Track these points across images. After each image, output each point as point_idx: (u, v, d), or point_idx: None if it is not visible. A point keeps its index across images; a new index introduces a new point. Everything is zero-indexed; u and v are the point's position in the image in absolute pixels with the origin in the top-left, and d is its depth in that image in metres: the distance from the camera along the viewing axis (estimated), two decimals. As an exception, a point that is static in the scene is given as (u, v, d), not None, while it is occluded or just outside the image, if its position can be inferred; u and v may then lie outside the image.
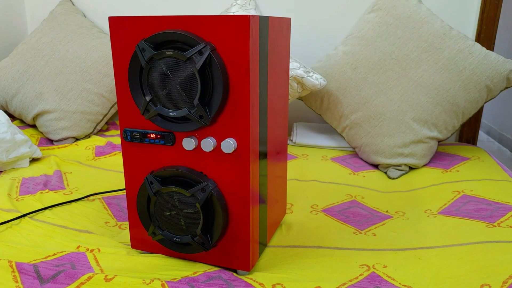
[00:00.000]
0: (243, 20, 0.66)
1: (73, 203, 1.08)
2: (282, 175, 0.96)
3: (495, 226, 0.94)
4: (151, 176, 0.77)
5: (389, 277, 0.78)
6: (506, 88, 1.42)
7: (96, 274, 0.73)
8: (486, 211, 1.02)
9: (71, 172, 1.29)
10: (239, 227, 0.76)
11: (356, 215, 1.04)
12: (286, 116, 0.95)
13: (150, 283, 0.71)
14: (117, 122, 1.86)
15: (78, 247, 0.87)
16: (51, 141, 1.61)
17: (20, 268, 0.74)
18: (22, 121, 1.71)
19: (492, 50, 1.63)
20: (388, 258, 0.84)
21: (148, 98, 0.72)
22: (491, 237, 0.89)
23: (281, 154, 0.94)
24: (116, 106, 1.73)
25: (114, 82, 1.69)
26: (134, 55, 0.71)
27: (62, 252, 0.84)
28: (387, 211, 1.07)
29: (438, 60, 1.38)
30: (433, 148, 1.38)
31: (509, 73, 1.37)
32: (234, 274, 0.78)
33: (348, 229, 0.97)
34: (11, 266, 0.74)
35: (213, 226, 0.77)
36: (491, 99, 1.44)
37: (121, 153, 1.39)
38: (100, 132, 1.72)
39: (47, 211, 1.03)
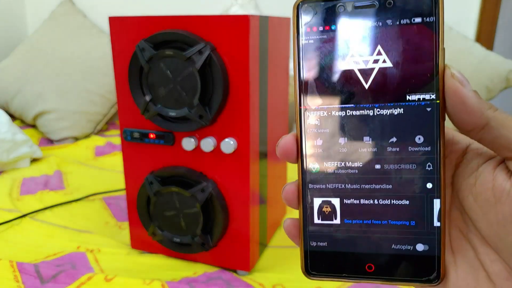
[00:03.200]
0: (243, 20, 0.66)
1: (73, 203, 1.08)
2: (282, 175, 0.96)
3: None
4: (151, 176, 0.77)
5: (389, 277, 0.78)
6: (506, 88, 1.42)
7: (96, 274, 0.73)
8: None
9: (71, 172, 1.29)
10: (239, 227, 0.77)
11: (356, 215, 1.04)
12: (286, 116, 0.95)
13: (150, 283, 0.71)
14: (117, 122, 1.86)
15: (78, 247, 0.87)
16: (51, 141, 1.61)
17: (21, 267, 0.74)
18: (22, 121, 1.71)
19: (492, 50, 1.63)
20: (388, 258, 0.84)
21: (148, 98, 0.72)
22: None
23: (281, 154, 0.94)
24: (116, 106, 1.73)
25: (114, 82, 1.69)
26: (134, 55, 0.71)
27: (62, 252, 0.84)
28: (387, 211, 1.07)
29: (438, 60, 1.38)
30: (433, 148, 1.38)
31: (509, 73, 1.37)
32: (234, 274, 0.78)
33: (348, 229, 0.97)
34: (12, 266, 0.74)
35: (213, 226, 0.77)
36: (490, 99, 1.44)
37: (121, 153, 1.40)
38: (100, 132, 1.72)
39: (47, 211, 1.03)
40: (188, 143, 0.73)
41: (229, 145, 0.71)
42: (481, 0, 1.58)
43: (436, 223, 0.24)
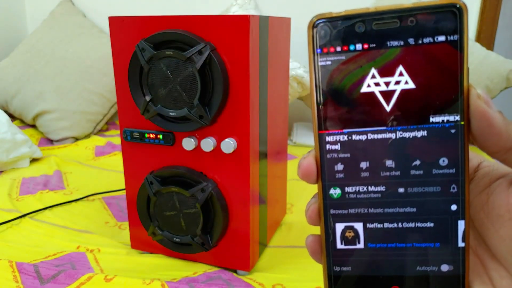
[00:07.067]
0: (243, 20, 0.66)
1: (73, 203, 1.08)
2: (282, 175, 0.96)
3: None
4: (151, 176, 0.77)
5: (389, 277, 0.78)
6: (506, 88, 1.42)
7: (96, 274, 0.73)
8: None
9: (71, 172, 1.29)
10: (239, 227, 0.76)
11: (356, 215, 1.04)
12: (286, 116, 0.95)
13: (150, 283, 0.71)
14: (117, 122, 1.86)
15: (78, 247, 0.87)
16: (51, 141, 1.61)
17: (21, 268, 0.74)
18: (22, 121, 1.71)
19: (492, 50, 1.63)
20: (388, 258, 0.84)
21: (148, 98, 0.72)
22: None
23: (281, 154, 0.94)
24: (116, 106, 1.73)
25: (114, 82, 1.69)
26: (134, 55, 0.71)
27: (62, 252, 0.84)
28: (387, 211, 1.07)
29: (438, 60, 1.38)
30: (433, 148, 1.38)
31: (509, 73, 1.37)
32: (234, 274, 0.78)
33: (348, 229, 0.97)
34: (12, 266, 0.74)
35: (213, 226, 0.77)
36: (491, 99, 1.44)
37: (121, 153, 1.40)
38: (100, 132, 1.72)
39: (47, 211, 1.03)
40: (188, 143, 0.73)
41: (229, 145, 0.70)
42: (481, 0, 1.58)
43: (461, 244, 0.24)
